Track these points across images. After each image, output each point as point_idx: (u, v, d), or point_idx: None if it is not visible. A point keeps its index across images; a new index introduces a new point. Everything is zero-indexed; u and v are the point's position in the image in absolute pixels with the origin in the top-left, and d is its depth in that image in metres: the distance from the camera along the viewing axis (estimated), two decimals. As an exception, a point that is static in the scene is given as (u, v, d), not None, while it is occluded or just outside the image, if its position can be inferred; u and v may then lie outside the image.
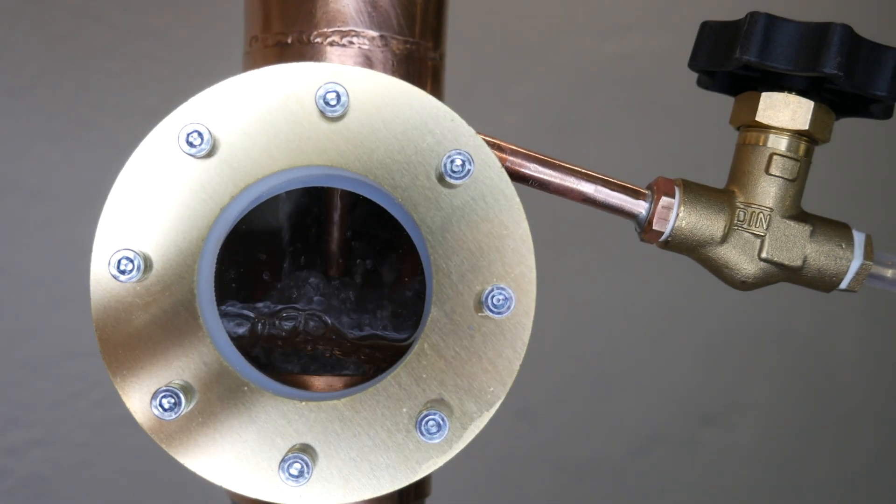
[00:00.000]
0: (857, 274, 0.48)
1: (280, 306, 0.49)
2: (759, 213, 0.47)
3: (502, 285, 0.39)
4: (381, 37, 0.50)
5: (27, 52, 1.03)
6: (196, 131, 0.38)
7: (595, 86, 1.21)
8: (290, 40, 0.50)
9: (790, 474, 1.30)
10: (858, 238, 0.48)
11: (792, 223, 0.47)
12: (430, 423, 0.38)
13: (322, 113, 0.38)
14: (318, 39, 0.49)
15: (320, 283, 0.49)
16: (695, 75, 0.52)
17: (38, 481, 1.06)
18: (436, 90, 0.53)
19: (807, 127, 0.47)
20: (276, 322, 0.48)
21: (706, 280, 0.51)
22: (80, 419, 1.06)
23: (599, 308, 1.23)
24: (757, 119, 0.47)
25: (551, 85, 1.19)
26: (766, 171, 0.47)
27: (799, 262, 0.47)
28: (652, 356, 1.25)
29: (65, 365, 1.05)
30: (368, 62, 0.50)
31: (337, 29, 0.49)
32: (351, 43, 0.50)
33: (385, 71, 0.50)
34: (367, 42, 0.50)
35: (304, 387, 0.49)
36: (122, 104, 1.05)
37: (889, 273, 0.49)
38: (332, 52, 0.49)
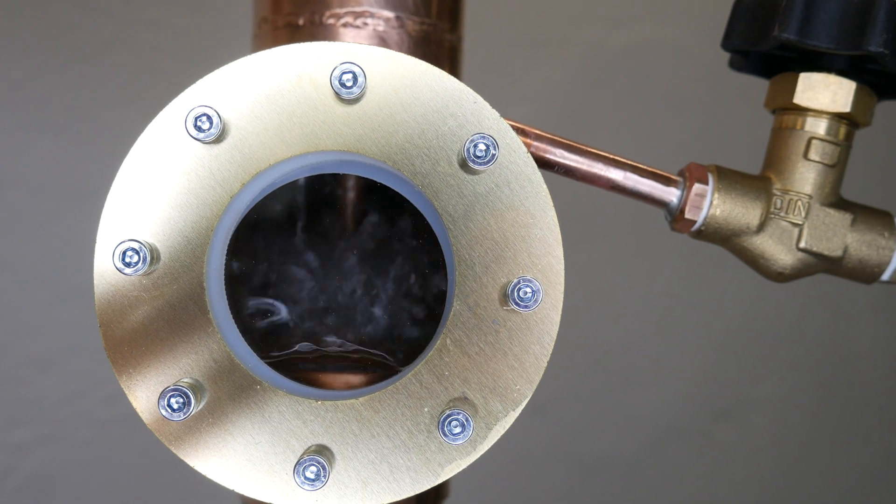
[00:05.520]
0: (900, 264, 0.46)
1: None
2: (797, 201, 0.45)
3: (529, 277, 0.36)
4: (397, 17, 0.48)
5: (28, 45, 1.01)
6: (205, 115, 0.35)
7: (605, 76, 1.19)
8: (301, 22, 0.48)
9: (804, 469, 1.29)
10: (902, 227, 0.46)
11: (832, 211, 0.45)
12: (454, 422, 0.36)
13: (337, 95, 0.36)
14: (331, 21, 0.47)
15: (327, 282, 0.47)
16: (706, 64, 0.49)
17: (44, 479, 1.05)
18: (454, 73, 0.51)
19: (848, 109, 0.45)
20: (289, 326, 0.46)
21: (720, 274, 0.48)
22: (86, 416, 1.05)
23: (612, 302, 1.21)
24: (795, 101, 0.45)
25: (561, 75, 1.18)
26: (805, 156, 0.45)
27: (839, 253, 0.45)
28: (665, 351, 1.24)
29: (69, 361, 1.04)
30: (383, 43, 0.47)
31: (350, 9, 0.47)
32: (365, 24, 0.47)
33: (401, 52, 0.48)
34: (381, 23, 0.47)
35: (319, 385, 0.46)
36: (125, 97, 1.03)
37: (933, 263, 0.46)
38: (345, 33, 0.47)
